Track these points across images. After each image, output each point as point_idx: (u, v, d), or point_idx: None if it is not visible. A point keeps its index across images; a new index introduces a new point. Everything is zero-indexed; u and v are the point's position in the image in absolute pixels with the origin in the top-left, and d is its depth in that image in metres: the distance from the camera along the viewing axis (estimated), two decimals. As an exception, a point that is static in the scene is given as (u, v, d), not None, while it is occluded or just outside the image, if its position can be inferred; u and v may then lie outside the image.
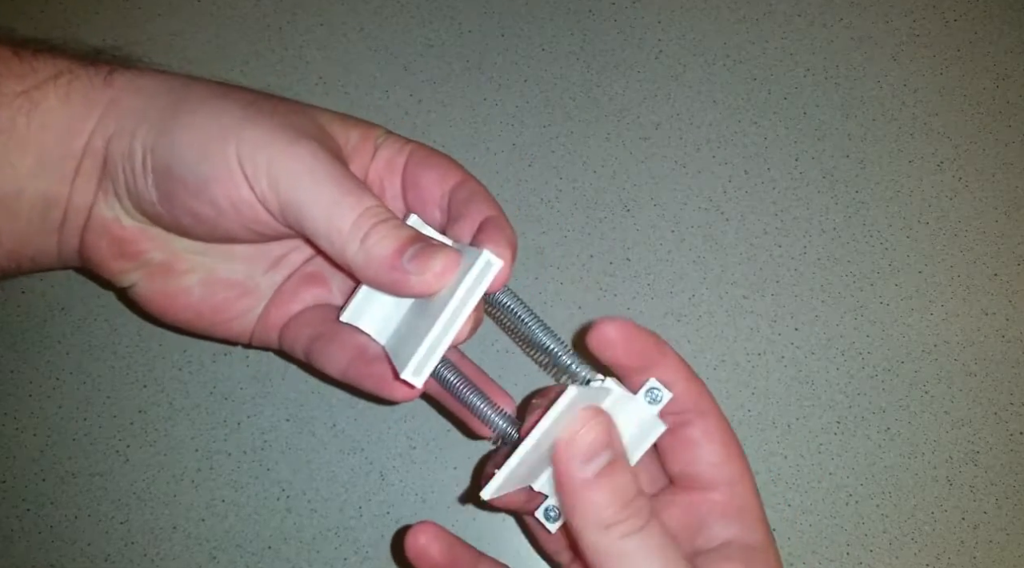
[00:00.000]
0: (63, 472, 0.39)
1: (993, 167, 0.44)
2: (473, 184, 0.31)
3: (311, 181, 0.27)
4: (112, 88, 0.29)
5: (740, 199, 0.43)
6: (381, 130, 0.33)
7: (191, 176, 0.28)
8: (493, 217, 0.30)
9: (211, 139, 0.28)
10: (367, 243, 0.27)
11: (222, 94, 0.29)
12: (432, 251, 0.27)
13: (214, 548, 0.39)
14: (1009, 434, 0.41)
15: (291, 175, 0.27)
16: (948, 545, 0.39)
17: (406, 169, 0.32)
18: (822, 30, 0.46)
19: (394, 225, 0.27)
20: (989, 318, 0.42)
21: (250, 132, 0.28)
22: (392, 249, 0.27)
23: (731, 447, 0.31)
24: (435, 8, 0.46)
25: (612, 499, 0.26)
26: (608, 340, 0.29)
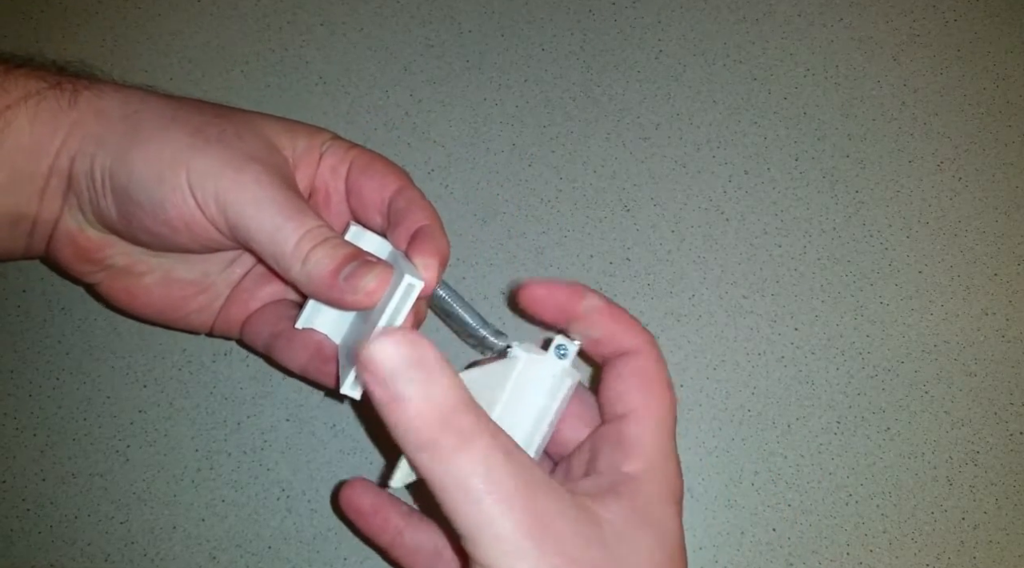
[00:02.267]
0: (63, 472, 0.39)
1: (993, 167, 0.44)
2: (411, 192, 0.33)
3: (255, 208, 0.30)
4: (76, 110, 0.31)
5: (740, 199, 0.43)
6: (326, 136, 0.34)
7: (147, 200, 0.30)
8: (426, 226, 0.32)
9: (164, 167, 0.30)
10: (307, 264, 0.30)
11: (172, 119, 0.31)
12: (365, 270, 0.29)
13: (214, 548, 0.39)
14: (1009, 434, 0.41)
15: (237, 202, 0.30)
16: (948, 545, 0.39)
17: (349, 176, 0.34)
18: (822, 30, 0.46)
19: (331, 246, 0.30)
20: (989, 318, 0.42)
21: (198, 161, 0.30)
22: (329, 269, 0.30)
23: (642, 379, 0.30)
24: (435, 8, 0.46)
25: (422, 414, 0.23)
26: (533, 298, 0.31)
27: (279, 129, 0.33)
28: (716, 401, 0.41)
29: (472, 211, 0.43)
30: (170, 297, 0.35)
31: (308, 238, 0.30)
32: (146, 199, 0.30)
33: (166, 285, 0.35)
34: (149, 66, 0.44)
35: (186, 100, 0.33)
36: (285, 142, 0.33)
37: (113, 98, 0.32)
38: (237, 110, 0.33)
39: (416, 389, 0.23)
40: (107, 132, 0.31)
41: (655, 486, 0.29)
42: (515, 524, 0.24)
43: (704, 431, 0.40)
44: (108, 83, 0.33)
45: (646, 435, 0.29)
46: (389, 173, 0.34)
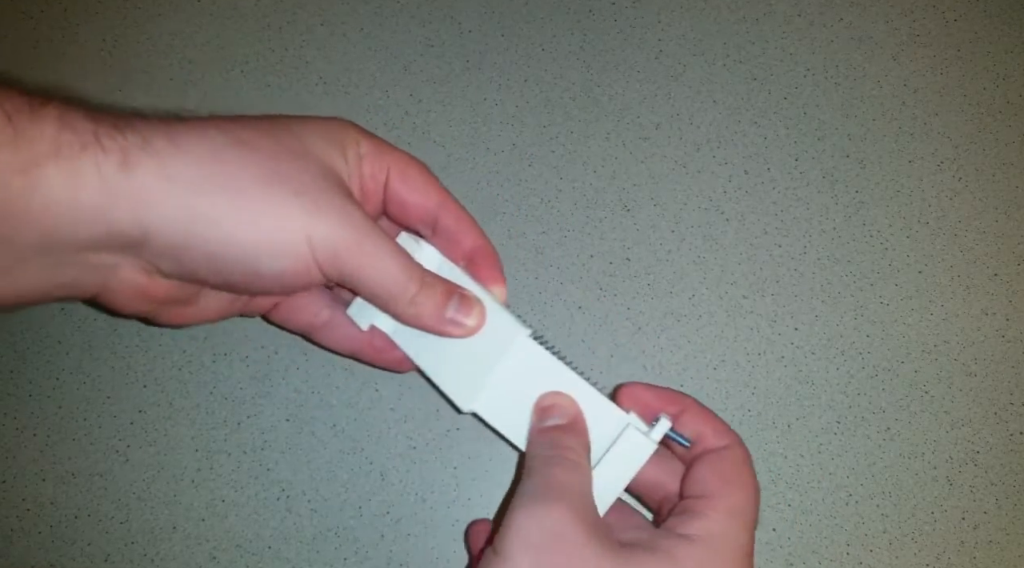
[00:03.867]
0: (63, 472, 0.39)
1: (993, 167, 0.44)
2: (454, 208, 0.36)
3: (372, 269, 0.31)
4: (132, 179, 0.27)
5: (740, 199, 0.43)
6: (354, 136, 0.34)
7: (267, 270, 0.30)
8: (482, 247, 0.36)
9: (286, 242, 0.30)
10: (415, 306, 0.33)
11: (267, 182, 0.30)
12: (467, 309, 0.34)
13: (214, 548, 0.39)
14: (1009, 434, 0.41)
15: (358, 267, 0.31)
16: (948, 545, 0.39)
17: (389, 188, 0.35)
18: (822, 30, 0.46)
19: (431, 286, 0.33)
20: (989, 318, 0.42)
21: (319, 231, 0.30)
22: (437, 310, 0.33)
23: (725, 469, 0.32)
24: (435, 8, 0.46)
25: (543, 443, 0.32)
26: (635, 398, 0.34)
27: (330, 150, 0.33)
28: (716, 401, 0.41)
29: (472, 211, 0.42)
30: (219, 310, 0.35)
31: (413, 282, 0.32)
32: (266, 270, 0.30)
33: (219, 300, 0.35)
34: (149, 66, 0.44)
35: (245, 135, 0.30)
36: (339, 164, 0.33)
37: (181, 160, 0.28)
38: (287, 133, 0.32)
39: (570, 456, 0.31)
40: (197, 202, 0.28)
41: (705, 553, 0.30)
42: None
43: (704, 431, 0.40)
44: (158, 135, 0.29)
45: (714, 512, 0.31)
46: (428, 185, 0.35)
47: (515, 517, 0.29)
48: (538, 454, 0.32)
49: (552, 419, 0.33)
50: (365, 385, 0.40)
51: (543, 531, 0.28)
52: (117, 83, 0.44)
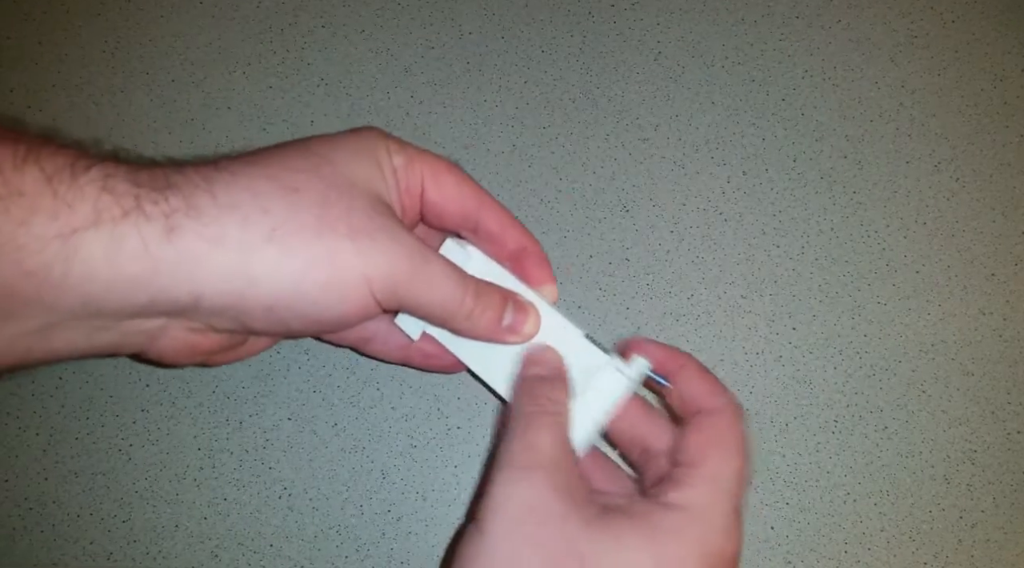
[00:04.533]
0: (66, 471, 0.39)
1: (991, 168, 0.44)
2: (495, 209, 0.35)
3: (428, 295, 0.32)
4: (175, 245, 0.27)
5: (738, 200, 0.44)
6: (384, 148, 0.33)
7: (328, 316, 0.30)
8: (527, 248, 0.36)
9: (346, 287, 0.29)
10: (472, 319, 0.33)
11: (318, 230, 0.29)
12: (522, 318, 0.34)
13: (216, 546, 0.39)
14: (1007, 433, 0.41)
15: (416, 296, 0.31)
16: (946, 544, 0.40)
17: (425, 198, 0.34)
18: (820, 31, 0.46)
19: (486, 297, 0.33)
20: (986, 318, 0.42)
21: (376, 269, 0.30)
22: (494, 321, 0.34)
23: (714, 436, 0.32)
24: (436, 10, 0.46)
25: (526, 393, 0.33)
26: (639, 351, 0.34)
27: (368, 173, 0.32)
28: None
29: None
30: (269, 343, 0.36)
31: (469, 297, 0.33)
32: (328, 316, 0.30)
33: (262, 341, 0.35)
34: (151, 68, 0.44)
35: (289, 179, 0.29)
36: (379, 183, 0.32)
37: (229, 220, 0.27)
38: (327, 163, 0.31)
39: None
40: (248, 263, 0.28)
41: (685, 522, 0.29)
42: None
43: (703, 430, 0.40)
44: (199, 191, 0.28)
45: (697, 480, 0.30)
46: (464, 189, 0.35)
47: (495, 489, 0.29)
48: (519, 411, 0.32)
49: (535, 368, 0.34)
50: (366, 384, 0.41)
51: (522, 505, 0.28)
52: (120, 84, 0.44)
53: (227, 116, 0.44)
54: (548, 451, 0.30)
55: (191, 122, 0.44)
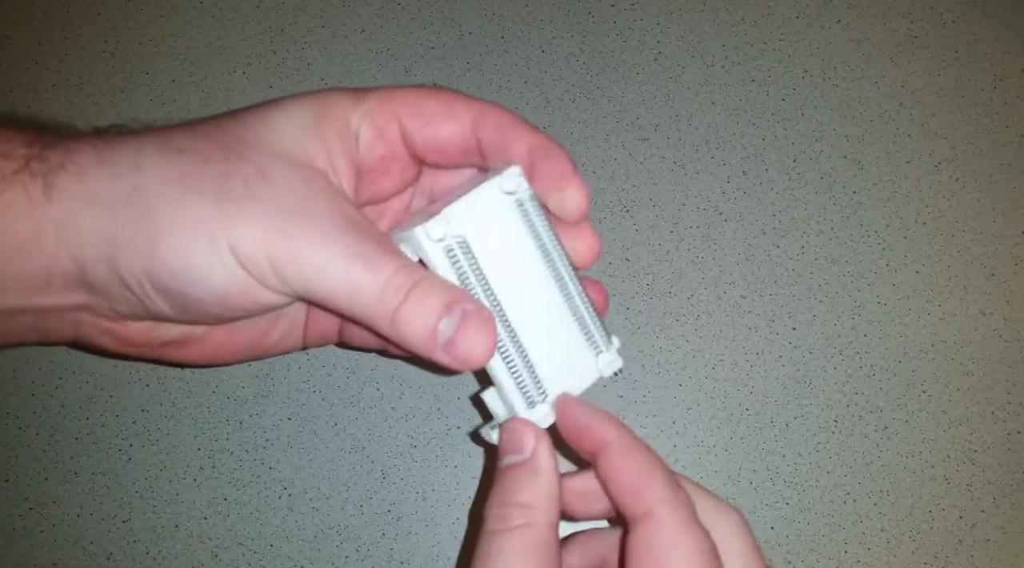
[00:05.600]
0: (65, 471, 0.39)
1: (991, 168, 0.44)
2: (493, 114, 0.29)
3: (320, 275, 0.25)
4: (56, 204, 0.25)
5: (738, 200, 0.44)
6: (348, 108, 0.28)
7: (205, 292, 0.26)
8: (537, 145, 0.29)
9: (208, 256, 0.25)
10: (397, 324, 0.26)
11: (183, 186, 0.25)
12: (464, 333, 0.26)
13: (216, 546, 0.39)
14: (1007, 433, 0.41)
15: (298, 275, 0.25)
16: (946, 544, 0.40)
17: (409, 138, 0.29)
18: (820, 32, 0.46)
19: (418, 300, 0.26)
20: (986, 318, 0.42)
21: (241, 237, 0.25)
22: (424, 333, 0.26)
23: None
24: (436, 10, 0.46)
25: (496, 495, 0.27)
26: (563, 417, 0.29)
27: (296, 132, 0.27)
28: (714, 400, 0.41)
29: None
30: (246, 341, 0.32)
31: (389, 293, 0.25)
32: (204, 293, 0.26)
33: (234, 333, 0.31)
34: (151, 68, 0.44)
35: (181, 140, 0.27)
36: (312, 145, 0.27)
37: (99, 176, 0.25)
38: (245, 126, 0.27)
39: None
40: (114, 228, 0.25)
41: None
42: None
43: (702, 430, 0.40)
44: (88, 149, 0.26)
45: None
46: (453, 106, 0.29)
47: None
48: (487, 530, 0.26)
49: (511, 456, 0.27)
50: (366, 384, 0.41)
51: None
52: (119, 84, 0.44)
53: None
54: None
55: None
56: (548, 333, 0.29)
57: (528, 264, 0.29)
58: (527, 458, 0.27)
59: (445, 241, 0.27)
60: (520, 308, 0.28)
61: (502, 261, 0.28)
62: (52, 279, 0.26)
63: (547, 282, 0.30)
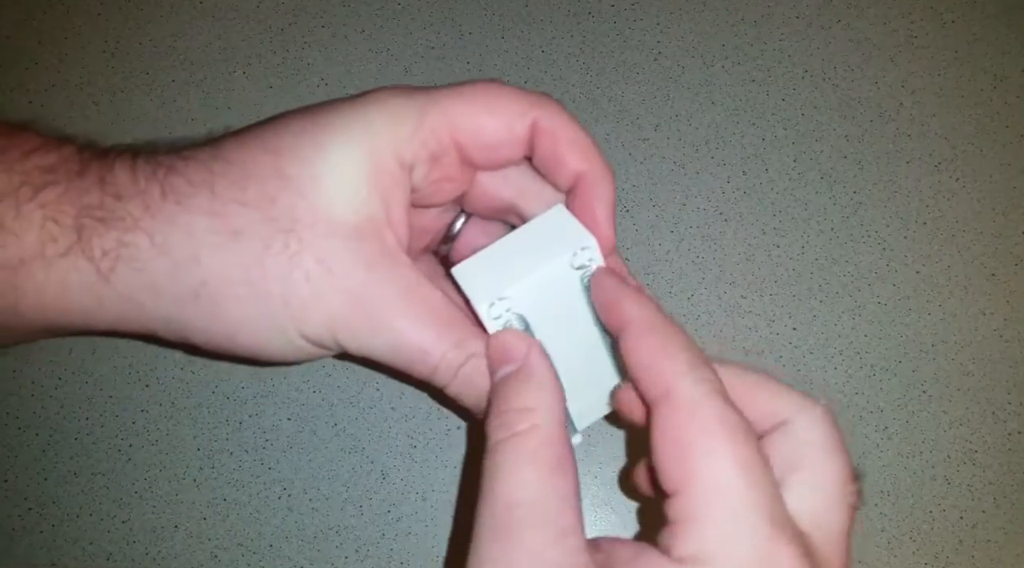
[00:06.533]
0: (65, 471, 0.39)
1: (991, 168, 0.44)
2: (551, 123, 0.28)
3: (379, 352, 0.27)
4: (116, 286, 0.26)
5: (739, 200, 0.43)
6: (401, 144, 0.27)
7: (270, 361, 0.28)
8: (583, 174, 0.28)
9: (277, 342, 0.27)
10: (451, 394, 0.28)
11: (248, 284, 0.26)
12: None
13: (215, 547, 0.39)
14: (1007, 433, 0.41)
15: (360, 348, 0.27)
16: (946, 544, 0.39)
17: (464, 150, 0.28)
18: (820, 32, 0.46)
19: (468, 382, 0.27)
20: (987, 318, 0.42)
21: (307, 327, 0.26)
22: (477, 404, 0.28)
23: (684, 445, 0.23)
24: (436, 11, 0.46)
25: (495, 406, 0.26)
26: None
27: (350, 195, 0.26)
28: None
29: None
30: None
31: (442, 372, 0.27)
32: (271, 361, 0.28)
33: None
34: (151, 68, 0.44)
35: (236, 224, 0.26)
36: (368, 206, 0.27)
37: (159, 268, 0.26)
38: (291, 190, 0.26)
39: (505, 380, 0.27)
40: (183, 316, 0.26)
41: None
42: None
43: (703, 430, 0.40)
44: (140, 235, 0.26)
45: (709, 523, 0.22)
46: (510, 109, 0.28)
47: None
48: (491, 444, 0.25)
49: (503, 368, 0.27)
50: (366, 384, 0.40)
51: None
52: (119, 84, 0.44)
53: (227, 116, 0.44)
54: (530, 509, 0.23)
55: (191, 122, 0.44)
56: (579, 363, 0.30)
57: (581, 333, 0.30)
58: (520, 366, 0.26)
59: (504, 318, 0.28)
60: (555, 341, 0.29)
61: (556, 334, 0.29)
62: (118, 330, 0.27)
63: (597, 344, 0.30)
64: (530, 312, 0.28)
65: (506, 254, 0.29)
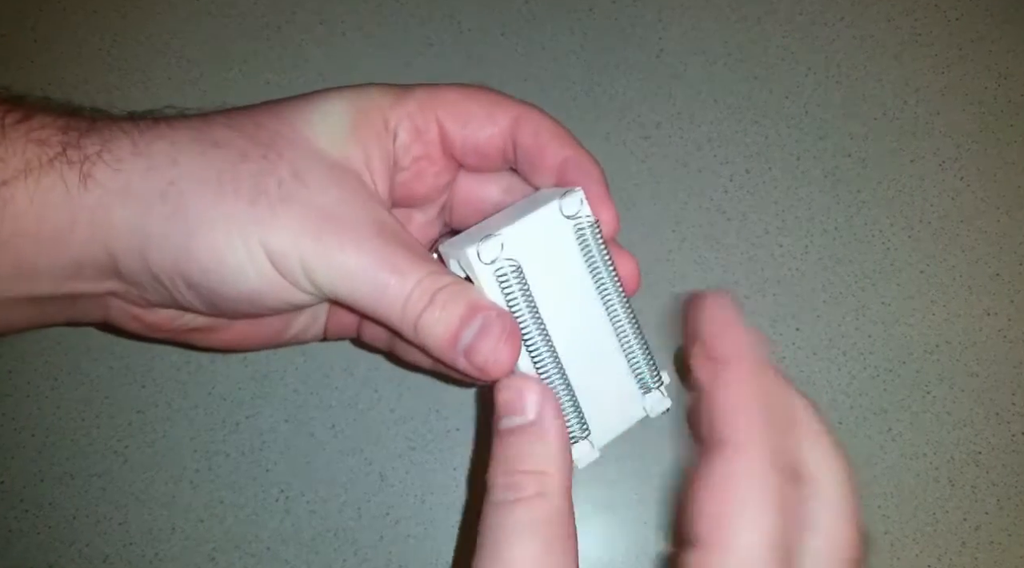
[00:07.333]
0: (61, 473, 0.39)
1: (995, 166, 0.44)
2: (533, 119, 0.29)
3: (348, 279, 0.26)
4: (91, 193, 0.25)
5: (741, 198, 0.43)
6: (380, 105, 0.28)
7: (235, 292, 0.26)
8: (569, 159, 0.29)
9: (240, 257, 0.25)
10: (420, 332, 0.26)
11: (219, 184, 0.25)
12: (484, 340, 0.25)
13: (213, 549, 0.38)
14: (1011, 435, 0.41)
15: (328, 277, 0.26)
16: (950, 546, 0.39)
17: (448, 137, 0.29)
18: (824, 29, 0.46)
19: (441, 306, 0.26)
20: (991, 318, 0.42)
21: (274, 240, 0.25)
22: (446, 339, 0.26)
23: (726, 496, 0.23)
24: (435, 6, 0.45)
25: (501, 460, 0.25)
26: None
27: (333, 131, 0.27)
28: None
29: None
30: (268, 331, 0.32)
31: (414, 299, 0.25)
32: (234, 291, 0.26)
33: (258, 324, 0.31)
34: (147, 65, 0.44)
35: (218, 133, 0.27)
36: (349, 146, 0.27)
37: (135, 168, 0.25)
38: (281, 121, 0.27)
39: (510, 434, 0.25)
40: (148, 222, 0.25)
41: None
42: None
43: (705, 432, 0.40)
44: (123, 138, 0.26)
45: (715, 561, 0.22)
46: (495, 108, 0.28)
47: None
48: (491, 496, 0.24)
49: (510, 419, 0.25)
50: (364, 386, 0.40)
51: None
52: (116, 82, 0.44)
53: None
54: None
55: (188, 120, 0.43)
56: (596, 368, 0.28)
57: (581, 295, 0.28)
58: (532, 420, 0.25)
59: (497, 264, 0.26)
60: (568, 339, 0.27)
61: (554, 290, 0.27)
62: (83, 267, 0.26)
63: (599, 314, 0.29)
64: (525, 259, 0.27)
65: (492, 221, 0.29)
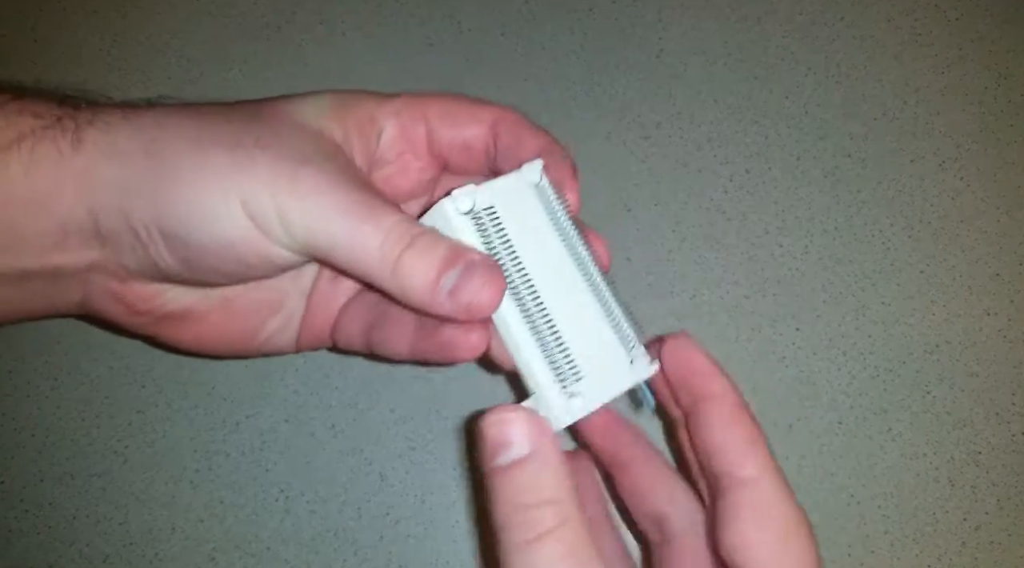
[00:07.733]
0: (61, 473, 0.39)
1: (995, 166, 0.44)
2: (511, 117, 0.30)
3: (323, 219, 0.25)
4: (81, 154, 0.26)
5: (741, 198, 0.43)
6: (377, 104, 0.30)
7: (209, 240, 0.26)
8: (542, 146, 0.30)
9: (215, 200, 0.26)
10: (399, 275, 0.25)
11: (198, 139, 0.26)
12: (468, 280, 0.25)
13: (213, 549, 0.38)
14: (1011, 435, 0.41)
15: (301, 218, 0.26)
16: (950, 546, 0.39)
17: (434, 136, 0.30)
18: (824, 29, 0.46)
19: (421, 249, 0.25)
20: (991, 318, 0.42)
21: (248, 182, 0.25)
22: (428, 282, 0.25)
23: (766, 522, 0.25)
24: (435, 7, 0.45)
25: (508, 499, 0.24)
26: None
27: (317, 113, 0.28)
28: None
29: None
30: (243, 328, 0.32)
31: (392, 241, 0.25)
32: (208, 240, 0.26)
33: (233, 317, 0.31)
34: (147, 65, 0.44)
35: (205, 108, 0.28)
36: (330, 125, 0.28)
37: (122, 130, 0.26)
38: (267, 102, 0.29)
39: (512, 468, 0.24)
40: (129, 175, 0.26)
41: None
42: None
43: (705, 432, 0.40)
44: (115, 110, 0.27)
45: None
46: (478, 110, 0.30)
47: None
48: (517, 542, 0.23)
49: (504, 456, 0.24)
50: (364, 386, 0.40)
51: None
52: (116, 82, 0.44)
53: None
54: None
55: (188, 120, 0.43)
56: (580, 321, 0.27)
57: (554, 252, 0.27)
58: (531, 451, 0.24)
59: (475, 213, 0.26)
60: (550, 289, 0.26)
61: (529, 243, 0.27)
62: (68, 234, 0.26)
63: (575, 272, 0.28)
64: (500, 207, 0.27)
65: None
